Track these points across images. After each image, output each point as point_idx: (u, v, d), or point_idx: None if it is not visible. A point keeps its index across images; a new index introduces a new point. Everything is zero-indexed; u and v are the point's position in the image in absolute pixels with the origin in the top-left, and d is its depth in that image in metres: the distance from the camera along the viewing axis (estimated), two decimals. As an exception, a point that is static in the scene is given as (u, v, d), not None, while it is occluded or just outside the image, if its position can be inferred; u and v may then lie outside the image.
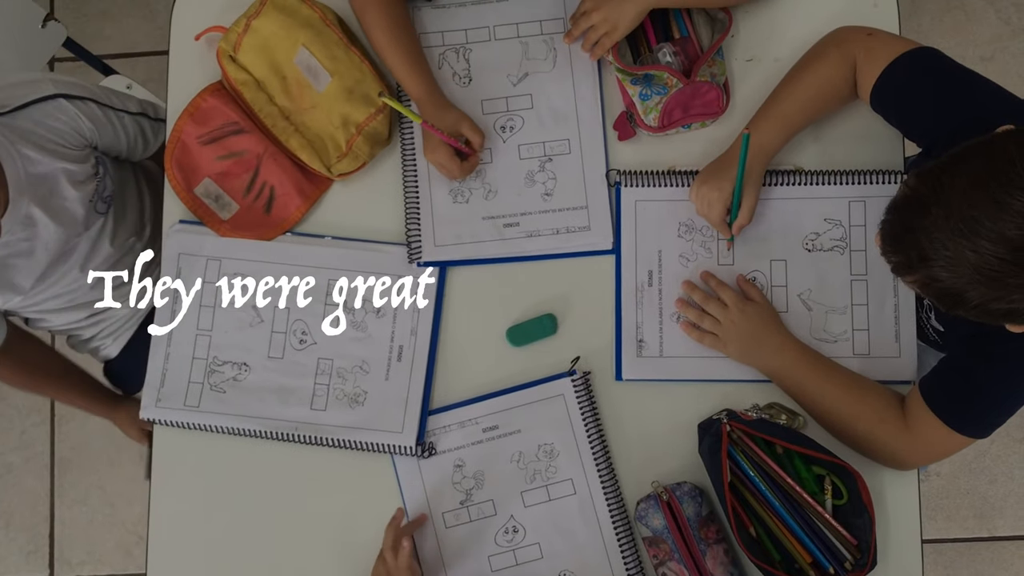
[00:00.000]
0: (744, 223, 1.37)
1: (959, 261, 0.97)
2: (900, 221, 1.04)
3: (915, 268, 1.03)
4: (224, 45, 1.42)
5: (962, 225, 0.96)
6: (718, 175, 1.36)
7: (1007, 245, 0.95)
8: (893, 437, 1.31)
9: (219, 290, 1.44)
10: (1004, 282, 0.96)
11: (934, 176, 1.01)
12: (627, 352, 1.41)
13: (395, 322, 1.42)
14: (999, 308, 1.00)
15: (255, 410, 1.42)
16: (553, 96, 1.45)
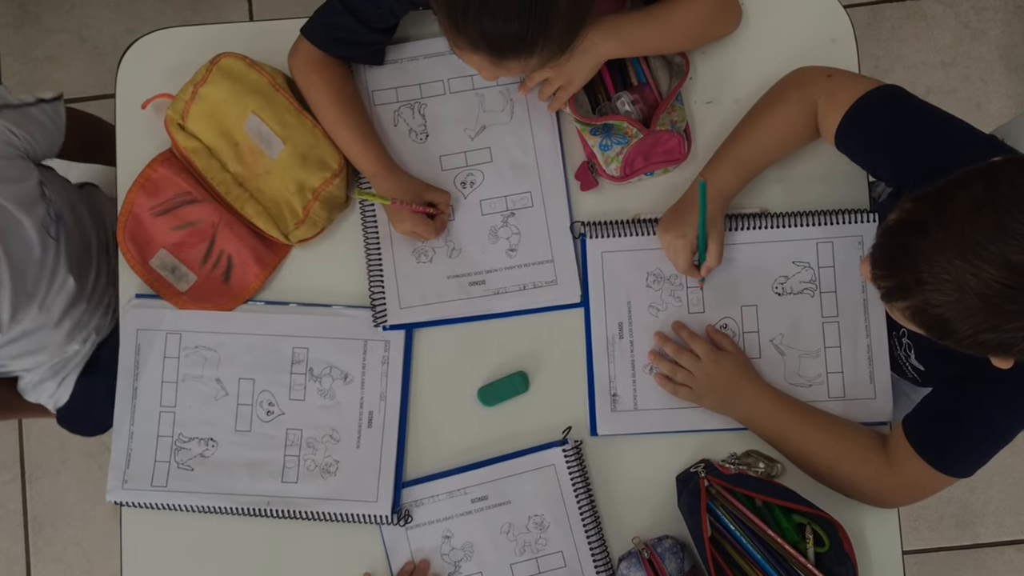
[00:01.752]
0: (713, 265, 1.35)
1: (958, 285, 0.94)
2: (897, 244, 1.00)
3: (910, 293, 0.99)
4: (172, 113, 1.38)
5: (964, 248, 0.93)
6: (678, 221, 1.34)
7: (1010, 269, 0.92)
8: (877, 478, 1.30)
9: (180, 365, 1.40)
10: (1003, 309, 0.94)
11: (933, 199, 0.99)
12: (601, 407, 1.39)
13: (363, 388, 1.40)
14: (991, 339, 0.97)
15: (225, 486, 1.38)
16: (512, 148, 1.42)
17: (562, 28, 1.12)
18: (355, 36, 1.35)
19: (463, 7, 1.09)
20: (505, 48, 1.12)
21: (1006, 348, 0.99)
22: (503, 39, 1.11)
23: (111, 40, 2.46)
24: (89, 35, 2.48)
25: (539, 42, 1.12)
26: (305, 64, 1.37)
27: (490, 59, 1.15)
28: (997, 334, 0.96)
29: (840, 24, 1.44)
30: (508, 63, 1.15)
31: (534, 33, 1.10)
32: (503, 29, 1.09)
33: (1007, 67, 2.44)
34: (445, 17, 1.13)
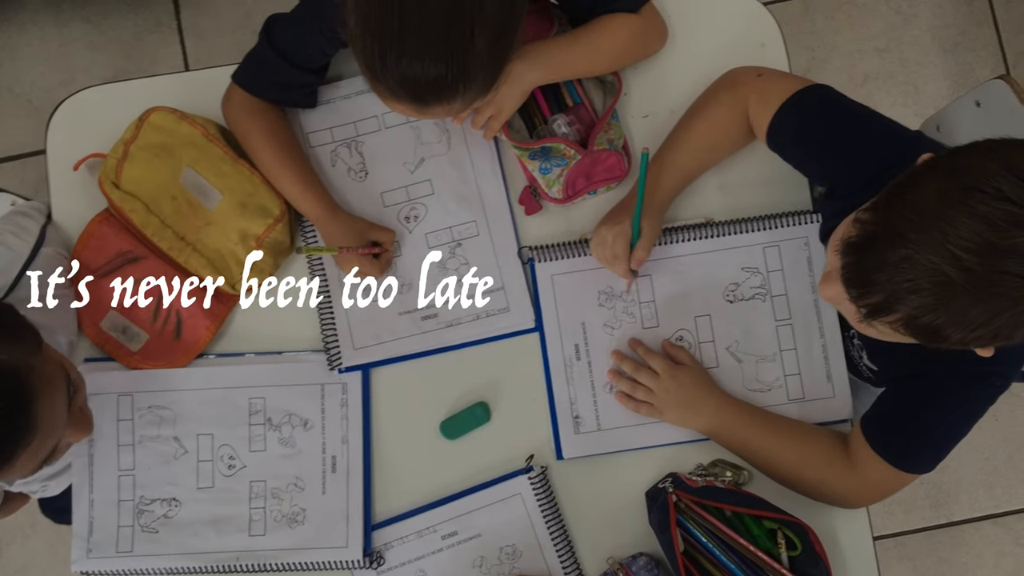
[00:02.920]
0: (642, 257, 1.32)
1: (946, 283, 0.92)
2: (870, 258, 0.97)
3: (895, 305, 0.96)
4: (105, 173, 1.36)
5: (944, 243, 0.91)
6: (616, 214, 1.34)
7: (993, 253, 0.90)
8: (841, 481, 1.30)
9: (135, 426, 1.38)
10: (997, 295, 0.92)
11: (895, 204, 0.97)
12: (564, 430, 1.39)
13: (324, 433, 1.38)
14: (987, 335, 0.95)
15: (192, 546, 1.36)
16: (453, 179, 1.41)
17: (483, 70, 1.12)
18: (288, 79, 1.34)
19: (380, 56, 1.08)
20: (426, 94, 1.12)
21: (1005, 338, 0.96)
22: (423, 86, 1.10)
23: (44, 94, 2.43)
24: (21, 90, 2.44)
25: (460, 86, 1.11)
26: (239, 111, 1.35)
27: (413, 106, 1.14)
28: (991, 327, 0.94)
29: (767, 28, 1.45)
30: (432, 108, 1.15)
31: (454, 77, 1.09)
32: (421, 76, 1.09)
33: (941, 48, 2.47)
34: (364, 67, 1.12)
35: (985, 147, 0.97)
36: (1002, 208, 0.90)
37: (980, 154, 0.96)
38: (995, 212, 0.90)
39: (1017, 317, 0.93)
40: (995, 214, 0.90)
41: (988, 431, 2.37)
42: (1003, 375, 1.18)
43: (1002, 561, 2.35)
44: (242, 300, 1.42)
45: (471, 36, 1.08)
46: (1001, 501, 2.36)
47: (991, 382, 1.18)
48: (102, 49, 2.47)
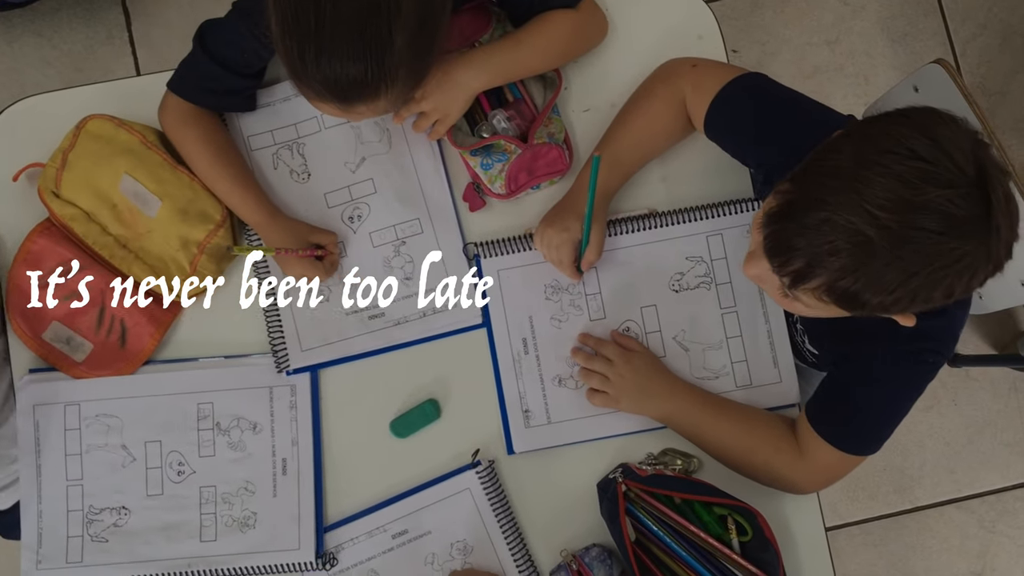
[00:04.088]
0: (592, 260, 1.34)
1: (864, 242, 0.94)
2: (791, 225, 0.99)
3: (815, 270, 0.98)
4: (44, 183, 1.35)
5: (861, 204, 0.93)
6: (561, 216, 1.34)
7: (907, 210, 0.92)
8: (789, 466, 1.31)
9: (83, 435, 1.37)
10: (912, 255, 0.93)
11: (813, 172, 0.99)
12: (515, 424, 1.39)
13: (274, 436, 1.38)
14: (906, 297, 0.97)
15: (143, 554, 1.35)
16: (395, 177, 1.41)
17: (405, 68, 1.13)
18: (223, 84, 1.34)
19: (300, 56, 1.09)
20: (349, 93, 1.12)
21: (923, 301, 0.98)
22: (345, 85, 1.11)
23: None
24: (-28, 106, 2.42)
25: (382, 85, 1.12)
26: (175, 118, 1.35)
27: (337, 105, 1.15)
28: (908, 288, 0.96)
29: (705, 20, 1.46)
30: (356, 107, 1.15)
31: (374, 76, 1.10)
32: (342, 75, 1.09)
33: (889, 39, 2.50)
34: (287, 68, 1.13)
35: (897, 114, 0.99)
36: (915, 166, 0.92)
37: (893, 120, 0.98)
38: (908, 170, 0.92)
39: (933, 275, 0.95)
40: (909, 172, 0.92)
41: (948, 416, 2.39)
42: (936, 351, 1.20)
43: (967, 544, 2.37)
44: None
45: (389, 34, 1.08)
46: (963, 485, 2.39)
47: (924, 358, 1.20)
48: (54, 63, 2.46)
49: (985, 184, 0.92)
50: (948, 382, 2.40)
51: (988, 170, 0.92)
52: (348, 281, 1.40)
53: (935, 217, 0.92)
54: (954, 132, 0.95)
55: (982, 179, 0.92)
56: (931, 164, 0.92)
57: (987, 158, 0.94)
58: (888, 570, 2.36)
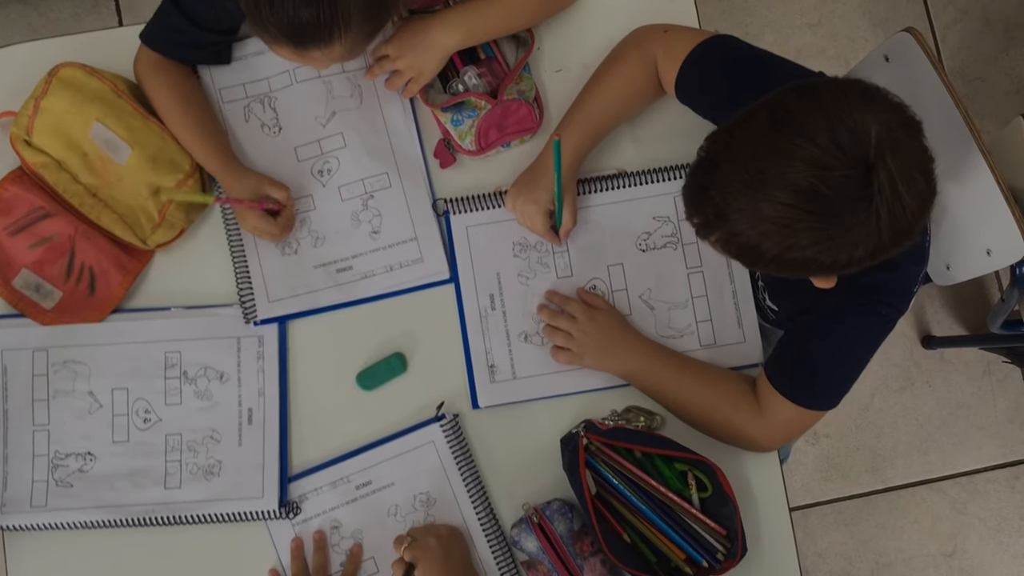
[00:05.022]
0: (570, 228, 1.37)
1: (753, 213, 0.98)
2: (696, 182, 1.05)
3: (714, 227, 1.04)
4: (16, 130, 1.36)
5: (750, 177, 0.98)
6: (530, 185, 1.36)
7: (795, 191, 0.96)
8: (748, 422, 1.33)
9: (50, 382, 1.38)
10: (797, 229, 0.97)
11: (723, 135, 1.03)
12: (480, 379, 1.40)
13: (240, 386, 1.39)
14: (795, 258, 1.01)
15: (107, 499, 1.36)
16: (365, 132, 1.42)
17: (359, 15, 1.14)
18: (191, 38, 1.35)
19: (254, 1, 1.11)
20: (304, 37, 1.14)
21: (813, 266, 1.03)
22: (299, 28, 1.13)
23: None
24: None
25: (335, 29, 1.14)
26: (145, 68, 1.37)
27: (293, 49, 1.17)
28: (798, 252, 1.00)
29: (677, -15, 1.47)
30: (311, 52, 1.17)
31: (328, 19, 1.12)
32: (295, 18, 1.12)
33: (871, 23, 2.51)
34: (247, 13, 1.15)
35: (813, 88, 1.00)
36: (802, 145, 0.95)
37: (806, 93, 1.00)
38: (797, 148, 0.95)
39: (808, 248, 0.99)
40: (797, 150, 0.95)
41: (921, 398, 2.41)
42: (889, 303, 1.22)
43: (938, 525, 2.39)
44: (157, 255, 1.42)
45: None
46: (935, 466, 2.40)
47: (878, 310, 1.21)
48: (40, 30, 2.47)
49: (870, 171, 0.94)
50: (923, 364, 2.41)
51: (879, 157, 0.94)
52: (315, 233, 1.41)
53: (811, 197, 0.95)
54: (855, 111, 0.95)
55: (870, 166, 0.94)
56: (816, 146, 0.94)
57: (887, 141, 0.94)
58: (859, 550, 2.38)
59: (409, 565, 1.27)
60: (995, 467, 2.41)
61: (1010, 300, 1.78)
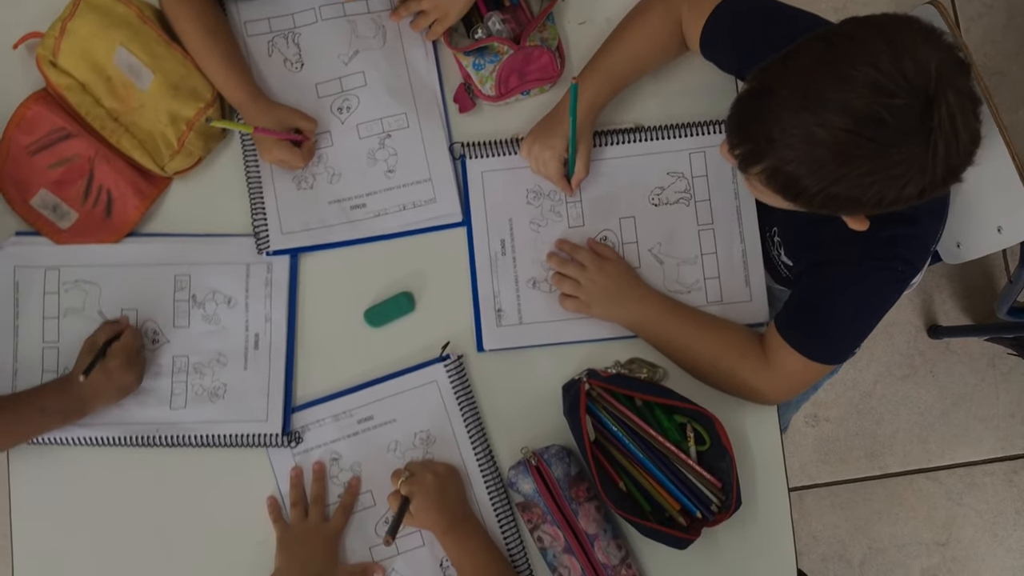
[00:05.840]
0: (582, 176, 1.38)
1: (806, 138, 0.97)
2: (745, 109, 1.04)
3: (762, 154, 1.02)
4: (43, 51, 1.37)
5: (809, 101, 0.97)
6: (547, 132, 1.37)
7: (853, 115, 0.95)
8: (754, 372, 1.33)
9: (61, 300, 1.39)
10: (851, 155, 0.97)
11: (777, 64, 1.02)
12: (487, 322, 1.41)
13: (248, 311, 1.40)
14: (839, 192, 1.00)
15: (113, 416, 1.37)
16: (386, 72, 1.43)
17: None
18: None
19: None
20: None
21: (855, 201, 1.02)
22: None
23: None
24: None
25: None
26: None
27: None
28: (846, 185, 0.99)
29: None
30: None
31: None
32: None
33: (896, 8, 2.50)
34: None
35: (871, 19, 1.01)
36: (865, 72, 0.94)
37: (864, 24, 1.00)
38: (859, 75, 0.94)
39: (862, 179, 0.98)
40: (859, 77, 0.94)
41: (924, 386, 2.41)
42: (906, 259, 1.22)
43: (934, 514, 2.40)
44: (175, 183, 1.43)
45: None
46: (934, 455, 2.41)
47: (894, 265, 1.21)
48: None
49: (932, 102, 0.94)
50: (927, 353, 2.42)
51: (941, 90, 0.94)
52: (331, 169, 1.42)
53: (876, 125, 0.95)
54: (918, 43, 0.95)
55: (931, 97, 0.94)
56: (881, 72, 0.94)
57: (948, 76, 0.94)
58: (852, 534, 2.39)
59: (404, 498, 1.29)
60: (994, 460, 2.41)
61: (1019, 281, 1.79)
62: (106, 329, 1.36)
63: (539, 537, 1.34)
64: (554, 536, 1.33)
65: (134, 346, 1.34)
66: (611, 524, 1.35)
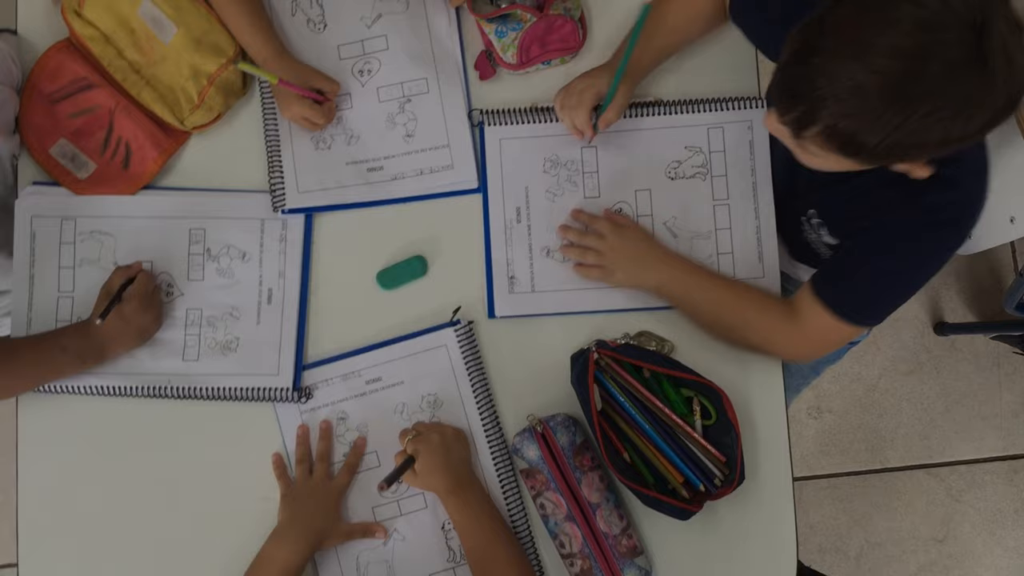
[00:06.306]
0: (611, 119, 1.35)
1: (859, 87, 0.95)
2: (792, 73, 1.01)
3: (815, 115, 0.99)
4: (68, 1, 1.38)
5: (856, 49, 0.94)
6: (591, 73, 1.37)
7: (901, 55, 0.93)
8: (782, 329, 1.32)
9: (77, 250, 1.40)
10: (906, 95, 0.94)
11: (815, 22, 1.00)
12: (499, 289, 1.42)
13: (262, 266, 1.41)
14: (900, 140, 0.97)
15: (125, 367, 1.38)
16: (408, 37, 1.44)
17: None
18: None
19: None
20: None
21: (919, 146, 1.00)
22: None
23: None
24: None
25: None
26: None
27: None
28: (907, 130, 0.96)
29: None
30: None
31: None
32: None
33: None
34: None
35: None
36: (912, 11, 0.93)
37: None
38: (905, 16, 0.93)
39: (926, 118, 0.95)
40: (905, 17, 0.93)
41: (929, 383, 2.42)
42: (955, 220, 1.19)
43: (932, 510, 2.40)
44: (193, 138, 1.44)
45: None
46: (935, 452, 2.41)
47: (941, 230, 1.19)
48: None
49: (983, 31, 0.92)
50: (933, 350, 2.42)
51: (990, 17, 0.92)
52: (350, 131, 1.43)
53: (929, 61, 0.93)
54: None
55: (981, 26, 0.92)
56: (927, 8, 0.93)
57: (992, 3, 0.93)
58: (850, 526, 2.39)
59: (409, 457, 1.29)
60: (995, 459, 2.41)
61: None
62: (120, 274, 1.37)
63: (541, 504, 1.35)
64: (556, 504, 1.33)
65: (147, 288, 1.35)
66: (613, 494, 1.36)
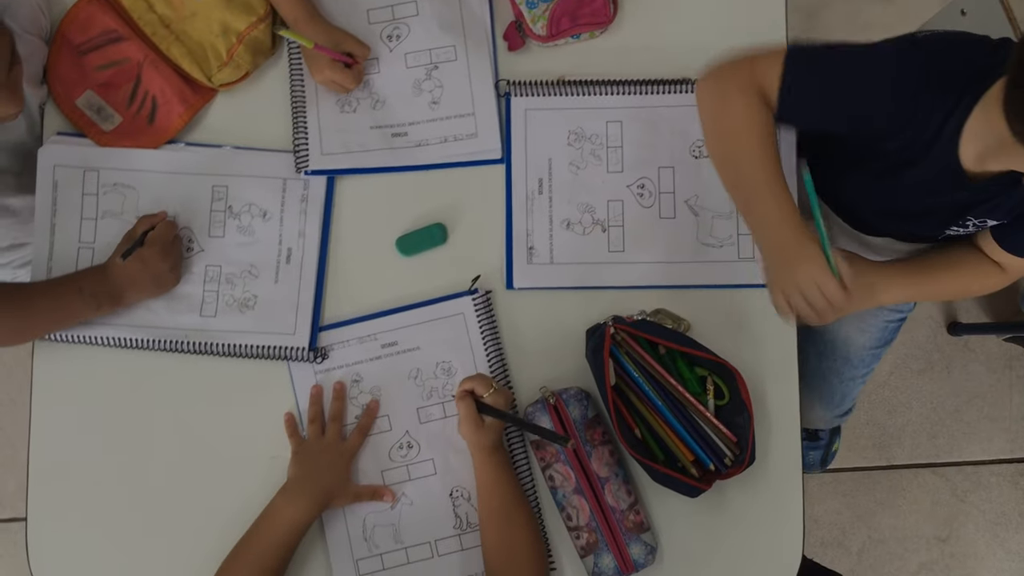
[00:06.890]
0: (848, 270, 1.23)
1: None
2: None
3: None
4: (100, -49, 1.38)
5: None
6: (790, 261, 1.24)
7: None
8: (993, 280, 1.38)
9: (99, 202, 1.40)
10: None
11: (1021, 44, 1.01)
12: (518, 259, 1.42)
13: (282, 225, 1.41)
14: None
15: (143, 319, 1.39)
16: (439, 4, 1.44)
17: None
18: None
19: None
20: None
21: None
22: None
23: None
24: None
25: None
26: None
27: None
28: None
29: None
30: None
31: None
32: None
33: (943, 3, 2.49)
34: None
35: None
36: None
37: None
38: None
39: None
40: None
41: (939, 382, 2.41)
42: None
43: (937, 510, 2.39)
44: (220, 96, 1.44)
45: None
46: (942, 451, 2.40)
47: None
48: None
49: None
50: (945, 349, 2.41)
51: None
52: (376, 96, 1.43)
53: None
54: None
55: None
56: None
57: None
58: (854, 522, 2.39)
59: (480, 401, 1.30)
60: (1002, 461, 2.41)
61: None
62: (144, 221, 1.37)
63: (550, 476, 1.35)
64: (565, 476, 1.34)
65: (169, 235, 1.36)
66: (623, 469, 1.36)
